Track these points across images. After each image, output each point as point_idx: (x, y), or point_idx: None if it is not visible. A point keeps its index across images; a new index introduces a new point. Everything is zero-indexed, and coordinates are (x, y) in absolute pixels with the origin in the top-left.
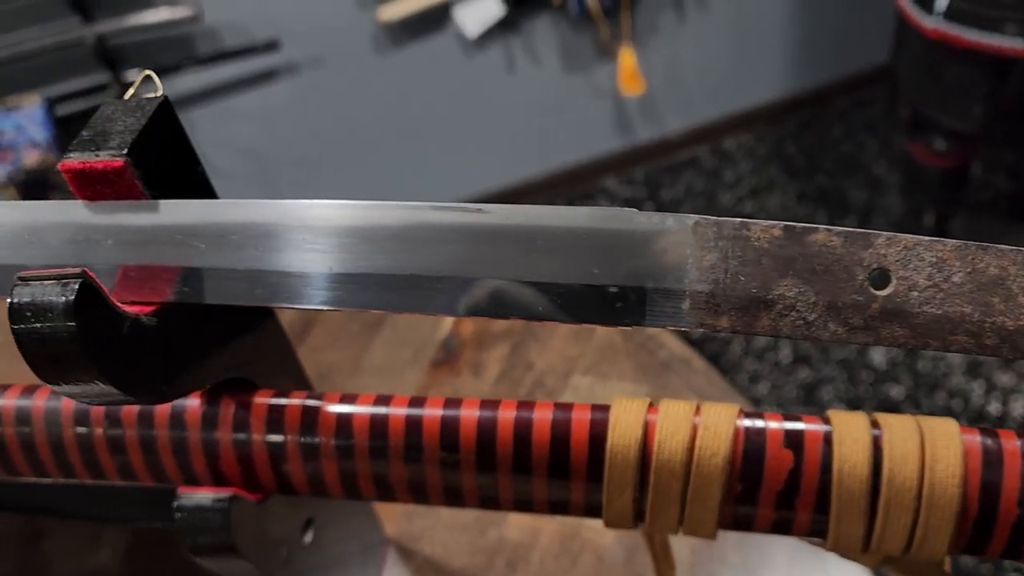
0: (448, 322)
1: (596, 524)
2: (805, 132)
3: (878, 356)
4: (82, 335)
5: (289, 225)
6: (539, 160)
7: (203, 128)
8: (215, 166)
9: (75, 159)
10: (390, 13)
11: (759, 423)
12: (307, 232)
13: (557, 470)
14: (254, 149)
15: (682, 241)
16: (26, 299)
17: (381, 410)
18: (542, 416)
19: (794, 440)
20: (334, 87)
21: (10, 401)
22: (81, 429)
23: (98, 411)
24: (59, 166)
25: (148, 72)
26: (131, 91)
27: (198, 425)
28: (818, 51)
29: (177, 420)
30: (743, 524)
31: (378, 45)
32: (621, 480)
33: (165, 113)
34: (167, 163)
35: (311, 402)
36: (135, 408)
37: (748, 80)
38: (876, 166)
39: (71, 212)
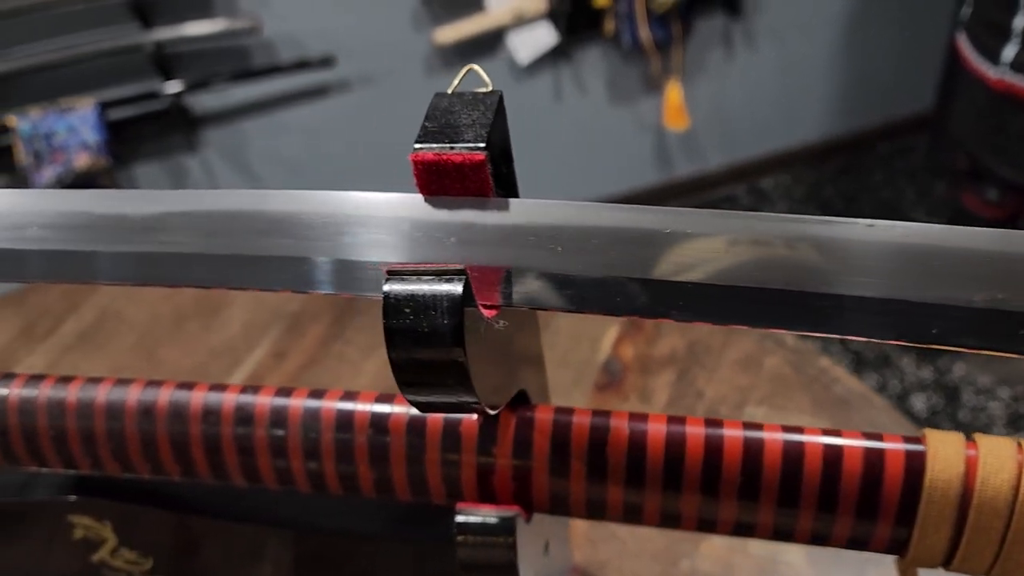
0: (607, 344)
1: (794, 558)
2: (844, 176)
3: (919, 403)
4: (462, 335)
5: (673, 232)
6: (577, 189)
7: (253, 140)
8: (260, 178)
9: (428, 151)
10: (445, 36)
11: None
12: (686, 240)
13: (865, 504)
14: (299, 163)
15: None
16: (404, 294)
17: (677, 429)
18: (853, 445)
19: None
20: (383, 106)
21: (265, 401)
22: (342, 435)
23: (363, 417)
24: (410, 157)
25: (473, 66)
26: (455, 83)
27: (474, 439)
28: (861, 96)
29: (451, 433)
30: None
31: (430, 67)
32: (938, 517)
33: (501, 109)
34: (500, 160)
35: (599, 420)
36: (404, 417)
37: (790, 121)
38: (915, 213)
39: (411, 206)
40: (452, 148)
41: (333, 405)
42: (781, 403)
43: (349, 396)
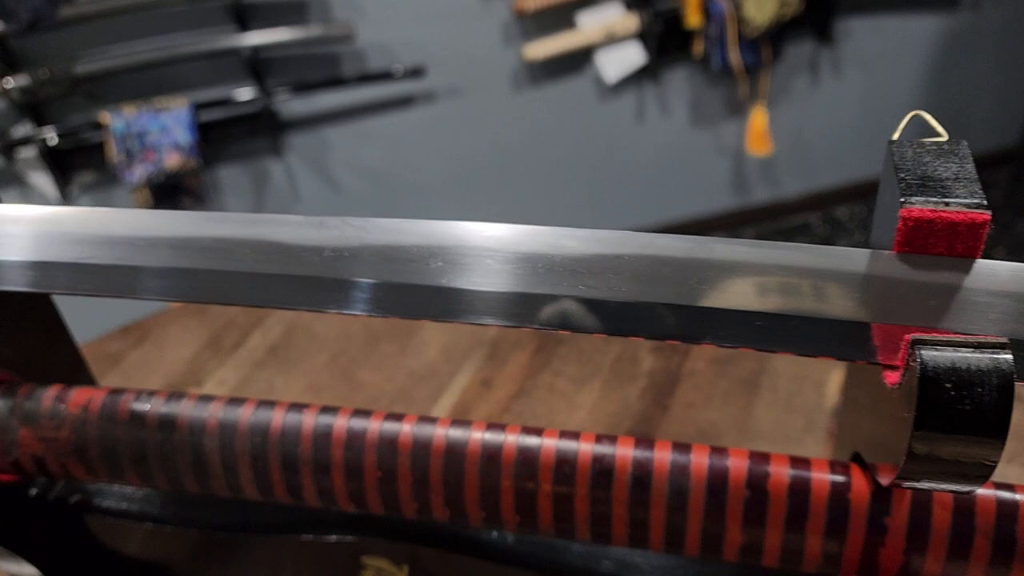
0: (833, 389)
1: None
2: None
3: None
4: (1008, 414)
5: None
6: (652, 210)
7: (336, 147)
8: (340, 186)
9: (923, 206)
10: (535, 52)
11: None
12: None
13: None
14: (379, 172)
15: None
16: (945, 365)
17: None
18: None
19: None
20: (467, 119)
21: (626, 452)
22: (714, 493)
23: (738, 475)
24: (902, 212)
25: (919, 112)
26: (900, 128)
27: (865, 508)
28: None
29: (839, 501)
30: None
31: (517, 82)
32: None
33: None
34: None
35: (1005, 493)
36: (785, 479)
37: (869, 150)
38: (994, 251)
39: (884, 264)
40: (947, 204)
41: (703, 460)
42: None
43: (718, 452)
